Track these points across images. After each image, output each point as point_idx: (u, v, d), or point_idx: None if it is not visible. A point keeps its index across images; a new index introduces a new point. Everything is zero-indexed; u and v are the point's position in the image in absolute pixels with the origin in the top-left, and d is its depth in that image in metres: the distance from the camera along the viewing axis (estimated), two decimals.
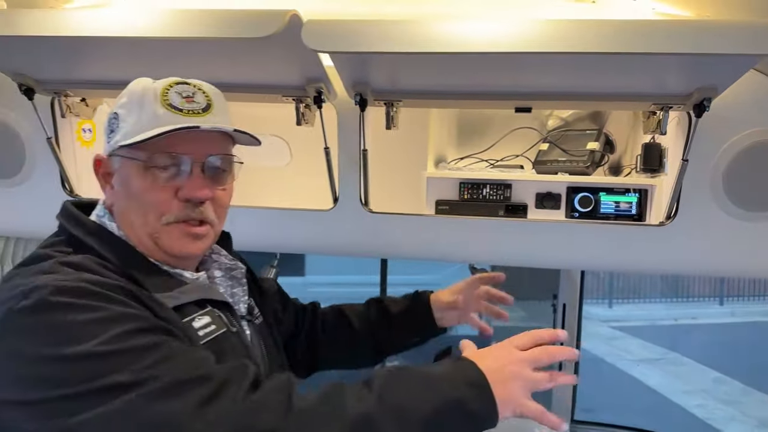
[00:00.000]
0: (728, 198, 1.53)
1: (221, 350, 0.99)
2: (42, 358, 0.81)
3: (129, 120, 0.99)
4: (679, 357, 8.80)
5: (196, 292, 1.03)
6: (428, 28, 1.16)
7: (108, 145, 1.04)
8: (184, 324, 0.97)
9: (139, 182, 1.00)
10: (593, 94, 1.41)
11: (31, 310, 0.83)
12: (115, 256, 0.98)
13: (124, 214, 1.03)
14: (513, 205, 1.73)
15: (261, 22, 1.09)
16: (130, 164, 1.01)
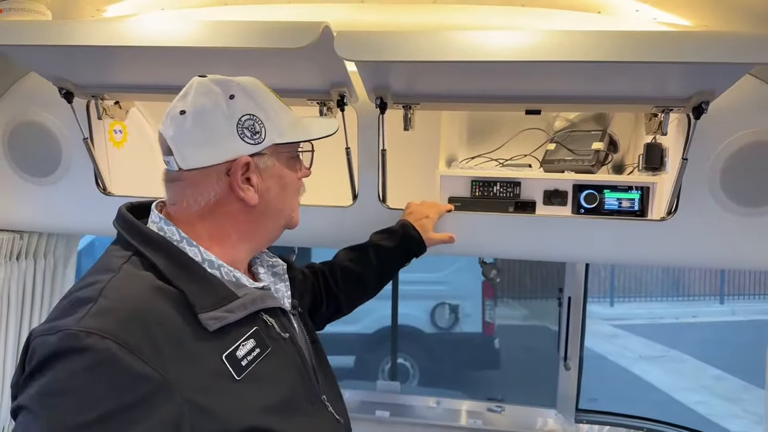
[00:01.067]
0: (725, 195, 1.63)
1: (272, 366, 1.04)
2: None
3: (276, 121, 1.08)
4: (679, 354, 8.87)
5: (248, 307, 1.04)
6: (446, 38, 1.26)
7: (253, 147, 1.06)
8: (225, 357, 0.98)
9: (289, 171, 1.13)
10: (599, 97, 1.51)
11: (52, 357, 0.86)
12: (168, 266, 1.00)
13: (273, 205, 1.11)
14: (522, 202, 1.83)
15: (297, 33, 1.20)
16: (282, 158, 1.11)
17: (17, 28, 1.38)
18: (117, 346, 0.86)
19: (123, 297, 0.93)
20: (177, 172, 1.06)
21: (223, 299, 1.01)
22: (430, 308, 6.58)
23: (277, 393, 1.03)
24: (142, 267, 0.99)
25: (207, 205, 1.06)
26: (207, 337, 0.96)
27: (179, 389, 0.90)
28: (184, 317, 0.96)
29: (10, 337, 2.08)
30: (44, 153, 1.93)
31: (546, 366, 3.25)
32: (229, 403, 0.95)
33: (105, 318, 0.89)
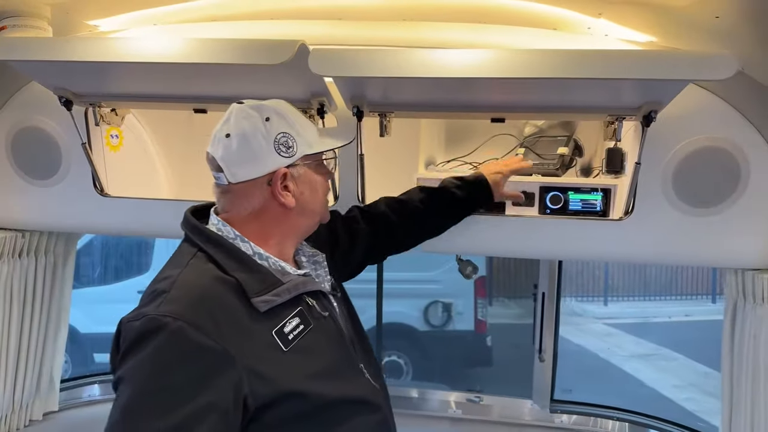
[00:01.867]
0: (677, 196, 1.76)
1: (315, 340, 1.24)
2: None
3: (303, 135, 1.28)
4: (670, 353, 8.97)
5: (292, 291, 1.24)
6: (414, 56, 1.39)
7: (288, 159, 1.26)
8: (275, 333, 1.18)
9: (320, 177, 1.34)
10: (556, 107, 1.64)
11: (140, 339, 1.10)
12: (225, 260, 1.21)
13: (307, 207, 1.31)
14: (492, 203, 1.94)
15: (274, 51, 1.33)
16: (313, 166, 1.32)
17: (22, 44, 1.52)
18: (187, 326, 1.08)
19: (191, 286, 1.16)
20: (227, 186, 1.27)
21: (271, 285, 1.21)
22: (423, 306, 6.70)
23: (319, 362, 1.24)
24: (205, 261, 1.21)
25: (254, 210, 1.28)
26: (259, 317, 1.17)
27: (238, 359, 1.11)
28: (240, 301, 1.17)
29: (13, 329, 2.21)
30: (45, 156, 2.06)
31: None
32: (279, 370, 1.16)
33: (177, 304, 1.11)
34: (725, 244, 1.78)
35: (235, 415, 1.11)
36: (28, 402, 2.36)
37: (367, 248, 1.67)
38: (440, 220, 1.77)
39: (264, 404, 1.14)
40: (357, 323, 1.47)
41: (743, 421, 1.81)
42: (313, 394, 1.19)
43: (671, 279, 12.36)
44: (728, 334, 1.89)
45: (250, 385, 1.12)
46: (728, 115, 1.70)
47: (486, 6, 1.57)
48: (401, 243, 1.75)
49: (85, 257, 6.97)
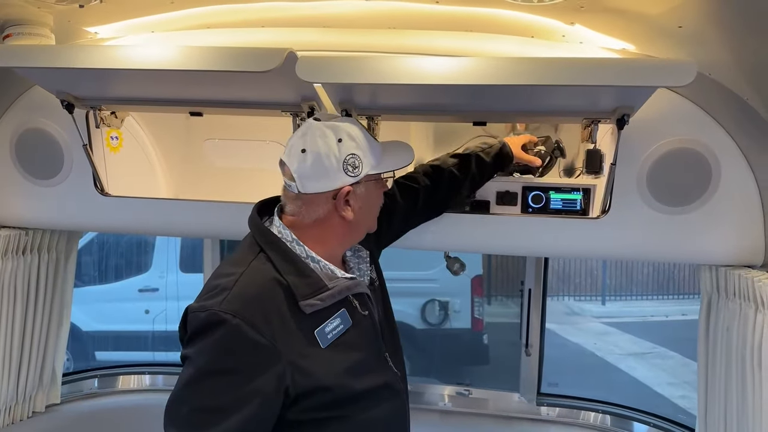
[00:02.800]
0: (652, 195, 1.84)
1: (352, 337, 1.39)
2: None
3: (370, 156, 1.41)
4: (666, 351, 9.02)
5: (336, 296, 1.38)
6: (398, 63, 1.47)
7: (353, 178, 1.40)
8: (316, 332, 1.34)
9: (378, 194, 1.51)
10: (534, 111, 1.72)
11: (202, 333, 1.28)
12: (281, 263, 1.36)
13: (363, 219, 1.46)
14: (477, 202, 2.01)
15: (263, 58, 1.41)
16: (373, 185, 1.46)
17: (26, 51, 1.60)
18: (243, 323, 1.25)
19: (248, 288, 1.31)
20: (296, 194, 1.40)
21: (318, 290, 1.36)
22: (420, 305, 6.76)
23: (353, 358, 1.39)
24: (264, 262, 1.37)
25: (317, 219, 1.41)
26: (304, 318, 1.33)
27: (284, 354, 1.28)
28: (289, 302, 1.33)
29: (17, 324, 2.29)
30: (48, 157, 2.15)
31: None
32: (318, 365, 1.32)
33: (236, 303, 1.28)
34: (699, 242, 1.85)
35: (276, 401, 1.28)
36: (31, 394, 2.45)
37: (404, 220, 1.82)
38: (470, 185, 1.90)
39: (302, 393, 1.30)
40: (389, 309, 1.62)
41: (717, 408, 1.89)
42: (343, 386, 1.35)
43: (668, 278, 12.42)
44: (703, 328, 1.98)
45: (292, 377, 1.28)
46: (700, 118, 1.78)
47: (467, 15, 1.64)
48: (437, 209, 1.90)
49: (86, 256, 7.05)
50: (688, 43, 1.59)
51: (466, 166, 1.84)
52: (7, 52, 1.66)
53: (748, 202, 1.80)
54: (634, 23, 1.59)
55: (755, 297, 1.68)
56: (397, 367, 1.53)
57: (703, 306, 1.97)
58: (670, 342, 9.33)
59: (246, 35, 1.82)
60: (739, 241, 1.83)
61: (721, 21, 1.47)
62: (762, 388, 1.64)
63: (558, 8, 1.52)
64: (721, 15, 1.45)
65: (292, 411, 1.32)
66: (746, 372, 1.70)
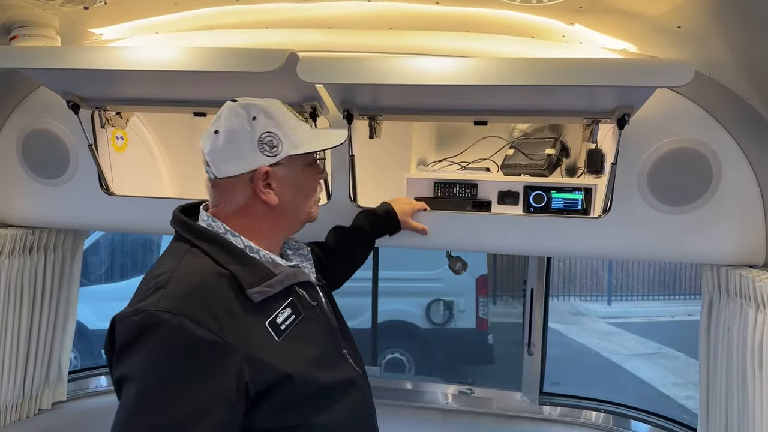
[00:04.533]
0: (653, 195, 1.84)
1: (306, 329, 1.31)
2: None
3: (291, 135, 1.32)
4: (672, 351, 8.99)
5: (284, 282, 1.29)
6: (398, 64, 1.49)
7: (272, 158, 1.31)
8: (268, 323, 1.24)
9: (307, 176, 1.39)
10: (535, 111, 1.73)
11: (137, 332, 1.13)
12: (218, 253, 1.26)
13: (291, 206, 1.36)
14: (479, 201, 2.03)
15: (265, 59, 1.42)
16: (298, 166, 1.35)
17: (33, 53, 1.62)
18: (186, 320, 1.12)
19: (187, 281, 1.19)
20: (215, 180, 1.33)
21: (264, 277, 1.26)
22: (425, 304, 6.77)
23: (311, 350, 1.30)
24: (198, 255, 1.25)
25: (239, 206, 1.32)
26: (253, 308, 1.23)
27: (238, 349, 1.15)
28: (236, 293, 1.21)
29: (24, 322, 2.32)
30: (54, 157, 2.17)
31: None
32: (275, 357, 1.21)
33: (175, 299, 1.15)
34: (700, 241, 1.85)
35: (239, 403, 1.16)
36: (37, 392, 2.47)
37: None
38: (361, 252, 1.89)
39: (263, 390, 1.18)
40: (338, 312, 1.54)
41: (719, 408, 1.89)
42: (307, 378, 1.24)
43: (674, 278, 12.38)
44: (705, 327, 1.98)
45: (250, 372, 1.16)
46: (701, 117, 1.79)
47: (467, 15, 1.65)
48: (337, 280, 1.81)
49: (93, 255, 7.10)
50: (688, 43, 1.60)
51: (349, 239, 1.85)
52: (13, 53, 1.68)
53: (749, 202, 1.80)
54: (634, 23, 1.60)
55: (756, 297, 1.68)
56: (357, 366, 1.44)
57: (705, 305, 1.97)
58: (675, 342, 9.29)
59: (249, 36, 1.84)
60: (740, 241, 1.83)
61: (720, 21, 1.47)
62: (763, 388, 1.65)
63: (557, 8, 1.53)
64: (720, 15, 1.45)
65: (257, 416, 1.20)
66: (747, 371, 1.71)
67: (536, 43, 1.73)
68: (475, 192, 2.04)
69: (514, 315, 9.35)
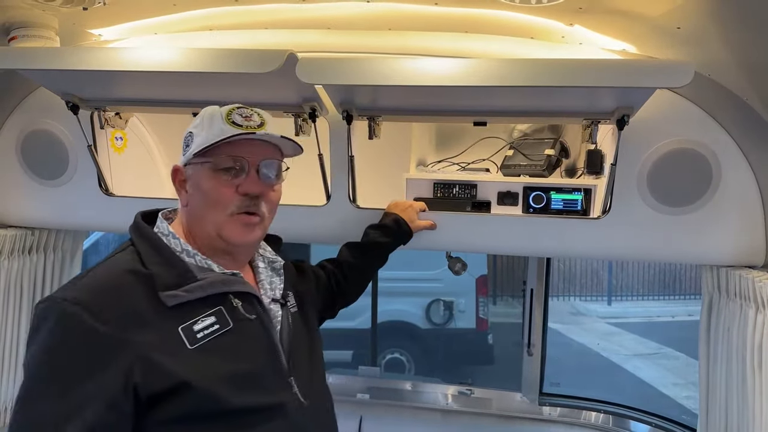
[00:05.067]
0: (652, 196, 1.84)
1: (232, 342, 1.21)
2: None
3: (201, 135, 1.25)
4: (672, 352, 9.00)
5: (207, 289, 1.22)
6: (397, 64, 1.49)
7: (184, 158, 1.29)
8: (181, 329, 1.17)
9: (209, 182, 1.25)
10: (534, 111, 1.73)
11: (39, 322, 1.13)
12: (148, 253, 1.22)
13: (196, 211, 1.27)
14: (478, 202, 2.03)
15: (264, 60, 1.42)
16: (202, 169, 1.25)
17: (32, 54, 1.62)
18: (81, 310, 1.10)
19: (100, 275, 1.19)
20: None
21: (185, 281, 1.21)
22: (425, 304, 6.77)
23: (229, 365, 1.19)
24: (129, 254, 1.23)
25: (180, 207, 1.32)
26: (166, 311, 1.17)
27: (131, 347, 1.11)
28: (149, 294, 1.17)
29: (23, 322, 2.32)
30: (53, 158, 2.17)
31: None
32: (179, 365, 1.14)
33: (82, 291, 1.14)
34: (700, 242, 1.85)
35: (124, 404, 1.10)
36: None
37: (325, 301, 1.70)
38: (373, 270, 1.90)
39: (156, 396, 1.12)
40: (312, 340, 1.43)
41: (718, 408, 1.89)
42: (210, 395, 1.15)
43: (674, 279, 12.38)
44: (705, 328, 1.97)
45: (143, 374, 1.11)
46: (700, 118, 1.78)
47: (466, 16, 1.65)
48: (349, 295, 1.80)
49: (92, 256, 7.10)
50: (688, 43, 1.60)
51: (365, 255, 1.84)
52: (12, 54, 1.68)
53: (748, 203, 1.80)
54: (634, 24, 1.60)
55: (756, 297, 1.68)
56: (306, 398, 1.29)
57: (704, 306, 1.97)
58: (676, 342, 9.30)
59: (248, 37, 1.84)
60: (739, 242, 1.83)
61: (720, 21, 1.47)
62: (762, 388, 1.65)
63: (557, 9, 1.53)
64: (720, 15, 1.45)
65: (149, 425, 1.13)
66: (747, 372, 1.71)
67: (536, 44, 1.73)
68: (474, 192, 2.04)
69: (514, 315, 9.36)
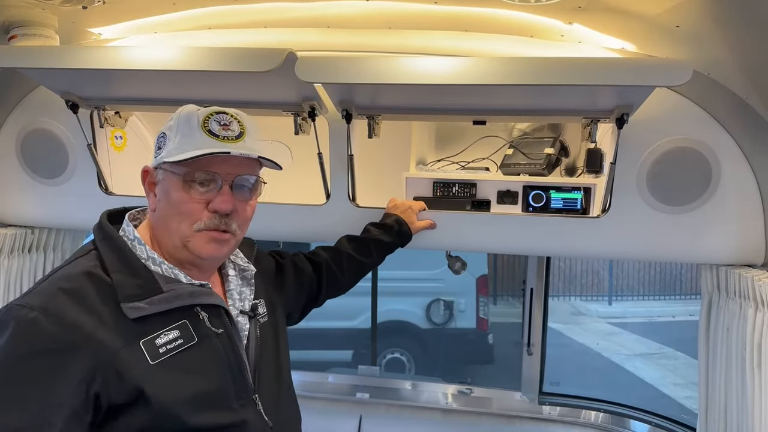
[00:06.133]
0: (652, 195, 1.84)
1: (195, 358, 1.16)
2: None
3: (174, 140, 1.18)
4: (673, 352, 8.99)
5: (172, 301, 1.15)
6: (396, 63, 1.49)
7: (155, 160, 1.21)
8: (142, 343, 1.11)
9: (178, 194, 1.18)
10: (533, 110, 1.73)
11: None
12: (111, 260, 1.16)
13: (163, 218, 1.21)
14: (478, 201, 2.03)
15: (263, 59, 1.42)
16: (172, 178, 1.18)
17: (31, 53, 1.62)
18: (41, 316, 1.05)
19: (61, 280, 1.12)
20: None
21: (147, 293, 1.14)
22: (425, 304, 6.77)
23: (192, 383, 1.15)
24: (91, 259, 1.17)
25: (150, 211, 1.25)
26: (127, 324, 1.11)
27: (94, 353, 1.06)
28: (108, 303, 1.11)
29: None
30: (53, 157, 2.17)
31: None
32: (138, 379, 1.09)
33: (38, 295, 1.09)
34: (699, 241, 1.85)
35: (87, 414, 1.06)
36: None
37: (311, 291, 1.69)
38: (370, 266, 1.87)
39: (117, 406, 1.08)
40: (279, 353, 1.37)
41: (718, 407, 1.89)
42: (170, 415, 1.10)
43: (675, 279, 12.37)
44: (704, 327, 1.97)
45: (105, 382, 1.06)
46: (700, 117, 1.78)
47: (466, 15, 1.66)
48: (341, 288, 1.80)
49: None
50: (687, 42, 1.60)
51: (365, 250, 1.83)
52: (12, 53, 1.68)
53: (748, 202, 1.80)
54: (633, 23, 1.60)
55: (755, 296, 1.68)
56: (270, 416, 1.25)
57: (704, 305, 1.97)
58: (676, 342, 9.30)
59: (247, 36, 1.84)
60: (739, 241, 1.83)
61: (719, 20, 1.47)
62: (762, 388, 1.64)
63: (556, 8, 1.53)
64: (719, 14, 1.45)
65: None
66: (746, 371, 1.71)
67: (535, 43, 1.73)
68: (474, 191, 2.04)
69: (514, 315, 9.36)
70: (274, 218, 2.05)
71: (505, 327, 8.13)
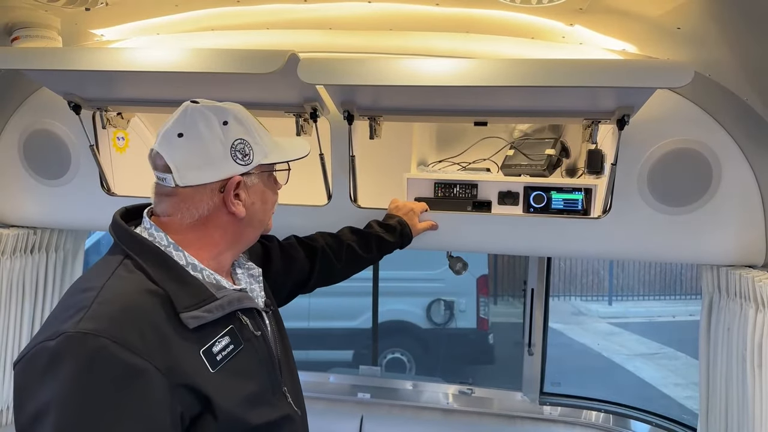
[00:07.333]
0: (652, 196, 1.85)
1: (244, 362, 1.18)
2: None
3: (261, 142, 1.24)
4: (674, 352, 9.00)
5: (226, 307, 1.17)
6: (398, 65, 1.49)
7: (243, 166, 1.21)
8: (202, 353, 1.11)
9: (275, 188, 1.32)
10: (534, 111, 1.73)
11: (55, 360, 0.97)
12: (157, 270, 1.12)
13: (251, 220, 1.26)
14: (479, 202, 2.03)
15: (266, 60, 1.43)
16: (268, 177, 1.28)
17: (34, 54, 1.63)
18: (110, 342, 0.98)
19: (115, 299, 1.05)
20: (172, 188, 1.17)
21: (203, 300, 1.13)
22: (426, 304, 6.78)
23: (246, 386, 1.17)
24: (132, 270, 1.11)
25: (201, 217, 1.19)
26: (187, 334, 1.10)
27: (169, 376, 1.03)
28: (168, 316, 1.08)
29: (25, 321, 2.33)
30: (55, 158, 2.18)
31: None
32: (207, 388, 1.08)
33: (99, 319, 1.00)
34: (700, 242, 1.86)
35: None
36: None
37: (299, 279, 1.68)
38: (368, 261, 1.87)
39: (192, 418, 1.08)
40: (285, 341, 1.41)
41: (719, 408, 1.89)
42: (236, 418, 1.12)
43: (676, 279, 12.38)
44: (705, 327, 1.98)
45: (182, 397, 1.05)
46: (701, 118, 1.79)
47: (467, 16, 1.66)
48: (334, 277, 1.79)
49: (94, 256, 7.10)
50: (688, 43, 1.60)
51: (367, 242, 1.83)
52: (15, 54, 1.69)
53: (748, 202, 1.80)
54: (634, 24, 1.60)
55: (756, 297, 1.68)
56: (297, 405, 1.31)
57: (705, 306, 1.97)
58: (677, 342, 9.30)
59: (250, 37, 1.85)
60: (739, 241, 1.83)
61: (720, 22, 1.47)
62: (762, 388, 1.65)
63: (558, 10, 1.53)
64: (720, 16, 1.46)
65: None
66: (747, 372, 1.71)
67: (536, 44, 1.74)
68: (475, 192, 2.05)
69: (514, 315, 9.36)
70: (276, 219, 2.04)
71: (506, 327, 8.14)
